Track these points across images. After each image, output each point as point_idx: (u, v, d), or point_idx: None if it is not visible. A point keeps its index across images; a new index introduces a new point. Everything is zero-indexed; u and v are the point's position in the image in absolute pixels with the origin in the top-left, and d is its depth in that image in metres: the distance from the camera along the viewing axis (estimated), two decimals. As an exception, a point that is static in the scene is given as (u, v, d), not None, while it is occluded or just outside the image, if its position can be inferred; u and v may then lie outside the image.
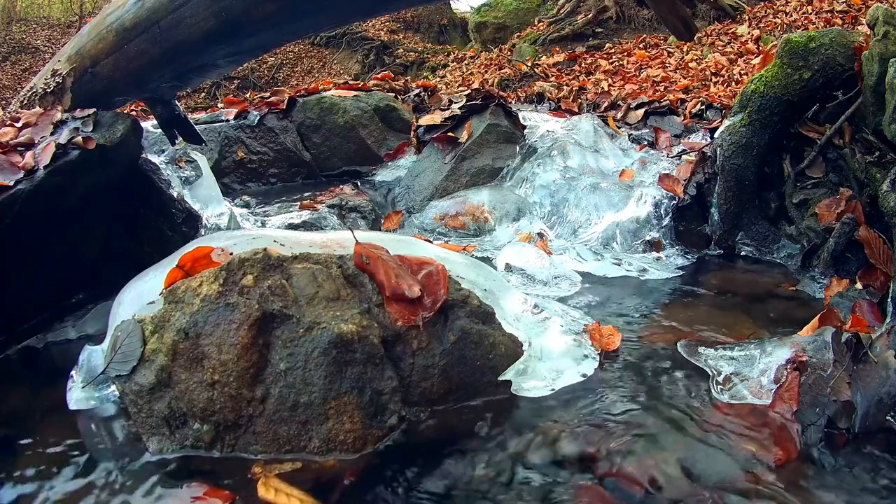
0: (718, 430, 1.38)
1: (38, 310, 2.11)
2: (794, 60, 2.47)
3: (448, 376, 1.49)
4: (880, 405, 1.36)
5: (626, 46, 8.10)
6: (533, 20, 10.32)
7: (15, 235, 1.91)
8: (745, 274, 2.40)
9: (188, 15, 2.35)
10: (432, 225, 3.01)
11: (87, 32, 2.64)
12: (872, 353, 1.43)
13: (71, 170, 2.03)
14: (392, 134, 4.10)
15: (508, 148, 3.32)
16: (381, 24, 13.86)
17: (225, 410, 1.35)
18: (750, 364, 1.58)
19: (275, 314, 1.39)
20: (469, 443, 1.37)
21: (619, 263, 2.51)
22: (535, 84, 5.62)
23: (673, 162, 3.07)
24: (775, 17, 7.22)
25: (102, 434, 1.47)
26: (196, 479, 1.29)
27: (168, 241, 2.44)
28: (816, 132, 2.52)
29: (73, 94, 2.56)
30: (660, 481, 1.23)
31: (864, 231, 2.13)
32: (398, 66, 11.94)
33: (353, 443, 1.36)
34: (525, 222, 2.90)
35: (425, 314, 1.50)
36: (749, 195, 2.57)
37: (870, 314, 1.75)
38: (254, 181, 3.83)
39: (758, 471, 1.25)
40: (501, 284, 1.84)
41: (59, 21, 16.09)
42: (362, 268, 1.54)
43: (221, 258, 1.50)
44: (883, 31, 2.17)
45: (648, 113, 3.75)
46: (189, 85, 3.08)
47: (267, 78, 13.20)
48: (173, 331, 1.39)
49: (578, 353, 1.68)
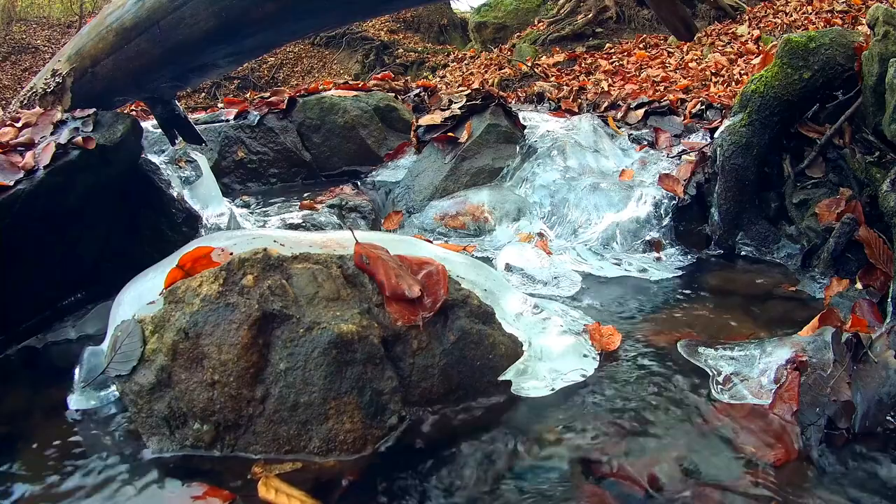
0: (718, 430, 1.38)
1: (38, 310, 2.11)
2: (794, 60, 2.47)
3: (448, 376, 1.49)
4: (880, 405, 1.36)
5: (626, 46, 8.09)
6: (533, 20, 10.31)
7: (15, 235, 1.91)
8: (745, 274, 2.40)
9: (188, 15, 2.35)
10: (432, 225, 3.01)
11: (87, 32, 2.64)
12: (872, 353, 1.43)
13: (71, 170, 2.03)
14: (392, 134, 4.10)
15: (508, 148, 3.32)
16: (381, 24, 13.84)
17: (225, 410, 1.35)
18: (750, 364, 1.58)
19: (275, 314, 1.39)
20: (469, 443, 1.37)
21: (619, 263, 2.51)
22: (535, 84, 5.62)
23: (673, 162, 3.07)
24: (775, 17, 7.22)
25: (102, 434, 1.47)
26: (196, 479, 1.29)
27: (168, 241, 2.44)
28: (816, 132, 2.52)
29: (73, 94, 2.56)
30: (660, 481, 1.23)
31: (864, 231, 2.13)
32: (398, 66, 11.93)
33: (353, 443, 1.36)
34: (525, 222, 2.90)
35: (425, 314, 1.50)
36: (749, 195, 2.57)
37: (870, 314, 1.75)
38: (254, 181, 3.83)
39: (758, 471, 1.25)
40: (501, 284, 1.84)
41: (59, 21, 16.08)
42: (362, 268, 1.54)
43: (221, 258, 1.50)
44: (883, 31, 2.18)
45: (648, 113, 3.75)
46: (189, 85, 3.08)
47: (267, 78, 13.19)
48: (173, 331, 1.39)
49: (578, 353, 1.68)
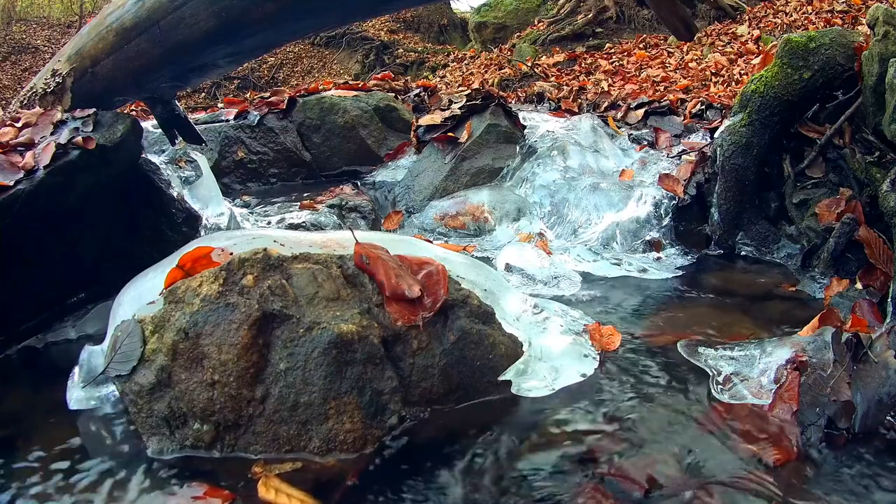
0: (718, 430, 1.38)
1: (38, 310, 2.11)
2: (794, 60, 2.47)
3: (448, 376, 1.49)
4: (880, 405, 1.36)
5: (626, 46, 8.09)
6: (533, 20, 10.31)
7: (15, 235, 1.91)
8: (745, 274, 2.40)
9: (188, 15, 2.35)
10: (432, 225, 3.01)
11: (87, 32, 2.64)
12: (872, 353, 1.43)
13: (71, 170, 2.03)
14: (392, 134, 4.10)
15: (508, 148, 3.32)
16: (381, 24, 13.83)
17: (225, 410, 1.35)
18: (750, 364, 1.58)
19: (275, 314, 1.39)
20: (469, 443, 1.38)
21: (619, 263, 2.51)
22: (535, 84, 5.61)
23: (673, 162, 3.07)
24: (775, 17, 7.22)
25: (102, 434, 1.47)
26: (196, 479, 1.29)
27: (168, 241, 2.44)
28: (816, 132, 2.52)
29: (73, 94, 2.56)
30: (660, 481, 1.23)
31: (864, 231, 2.13)
32: (398, 66, 11.93)
33: (353, 443, 1.36)
34: (525, 222, 2.90)
35: (425, 314, 1.50)
36: (749, 195, 2.57)
37: (870, 314, 1.75)
38: (254, 181, 3.83)
39: (758, 471, 1.25)
40: (501, 284, 1.84)
41: (59, 21, 16.07)
42: (362, 268, 1.54)
43: (221, 258, 1.50)
44: (883, 31, 2.18)
45: (648, 113, 3.75)
46: (189, 85, 3.08)
47: (267, 78, 13.19)
48: (173, 331, 1.39)
49: (578, 353, 1.68)
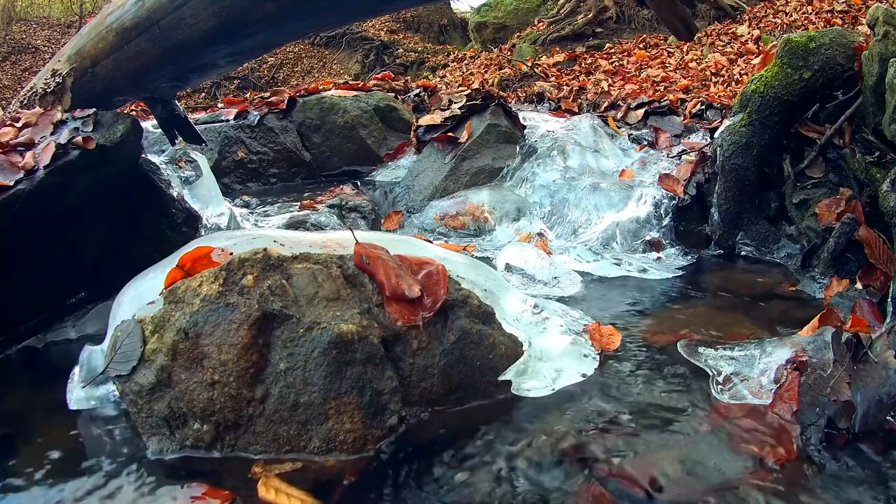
0: (718, 430, 1.38)
1: (38, 310, 2.11)
2: (794, 60, 2.47)
3: (448, 376, 1.49)
4: (880, 405, 1.36)
5: (626, 46, 8.09)
6: (533, 20, 10.31)
7: (15, 235, 1.91)
8: (745, 274, 2.40)
9: (188, 15, 2.35)
10: (432, 225, 3.01)
11: (87, 32, 2.64)
12: (872, 353, 1.43)
13: (71, 170, 2.03)
14: (392, 134, 4.10)
15: (508, 148, 3.32)
16: (381, 24, 13.83)
17: (225, 410, 1.35)
18: (750, 364, 1.58)
19: (275, 314, 1.39)
20: (469, 443, 1.37)
21: (619, 263, 2.51)
22: (535, 84, 5.62)
23: (673, 162, 3.07)
24: (775, 17, 7.22)
25: (102, 434, 1.47)
26: (196, 479, 1.29)
27: (168, 241, 2.44)
28: (816, 132, 2.52)
29: (73, 94, 2.56)
30: (660, 481, 1.23)
31: (864, 231, 2.13)
32: (398, 66, 11.93)
33: (353, 443, 1.36)
34: (525, 222, 2.90)
35: (425, 314, 1.50)
36: (749, 195, 2.57)
37: (870, 314, 1.75)
38: (254, 181, 3.83)
39: (758, 471, 1.25)
40: (501, 284, 1.84)
41: (59, 21, 16.07)
42: (362, 268, 1.54)
43: (221, 258, 1.50)
44: (883, 31, 2.18)
45: (648, 113, 3.75)
46: (189, 85, 3.08)
47: (267, 78, 13.19)
48: (173, 331, 1.39)
49: (578, 353, 1.68)
